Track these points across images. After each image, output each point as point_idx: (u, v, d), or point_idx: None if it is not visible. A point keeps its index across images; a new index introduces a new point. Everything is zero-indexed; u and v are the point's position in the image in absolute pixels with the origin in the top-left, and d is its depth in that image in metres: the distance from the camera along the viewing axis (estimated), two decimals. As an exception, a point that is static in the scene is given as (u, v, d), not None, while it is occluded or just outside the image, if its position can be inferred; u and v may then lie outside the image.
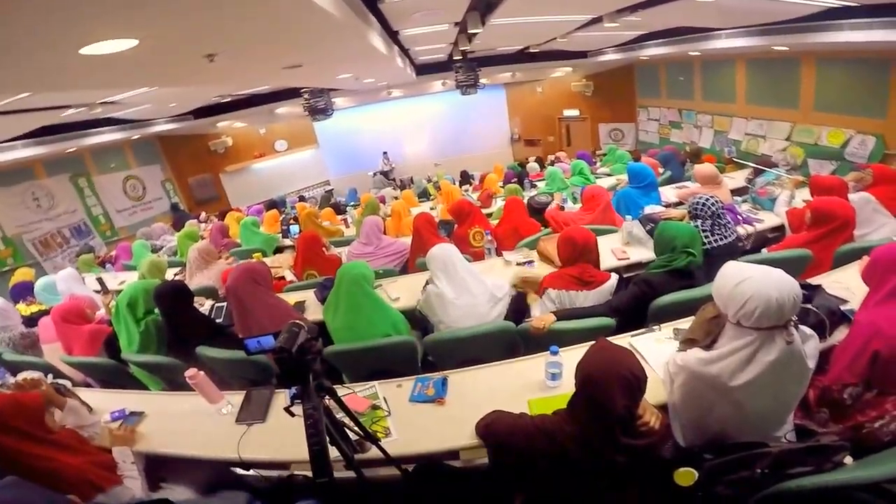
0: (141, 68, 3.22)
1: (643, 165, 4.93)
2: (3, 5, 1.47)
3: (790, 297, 1.46)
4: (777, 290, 1.45)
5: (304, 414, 1.41)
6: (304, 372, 1.38)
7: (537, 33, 7.37)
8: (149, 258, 5.02)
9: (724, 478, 1.55)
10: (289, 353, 1.34)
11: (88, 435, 2.20)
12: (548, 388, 2.13)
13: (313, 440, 1.40)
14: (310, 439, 1.40)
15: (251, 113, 10.38)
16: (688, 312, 2.39)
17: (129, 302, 2.96)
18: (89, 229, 9.43)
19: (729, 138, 8.74)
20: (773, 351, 1.50)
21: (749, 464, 1.53)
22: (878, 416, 1.77)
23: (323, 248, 4.33)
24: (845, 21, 4.77)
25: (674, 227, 2.74)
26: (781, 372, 1.53)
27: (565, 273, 2.78)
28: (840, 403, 1.83)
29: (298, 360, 1.36)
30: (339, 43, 3.97)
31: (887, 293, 1.86)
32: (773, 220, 3.98)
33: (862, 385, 1.80)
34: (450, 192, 6.32)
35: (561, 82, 12.55)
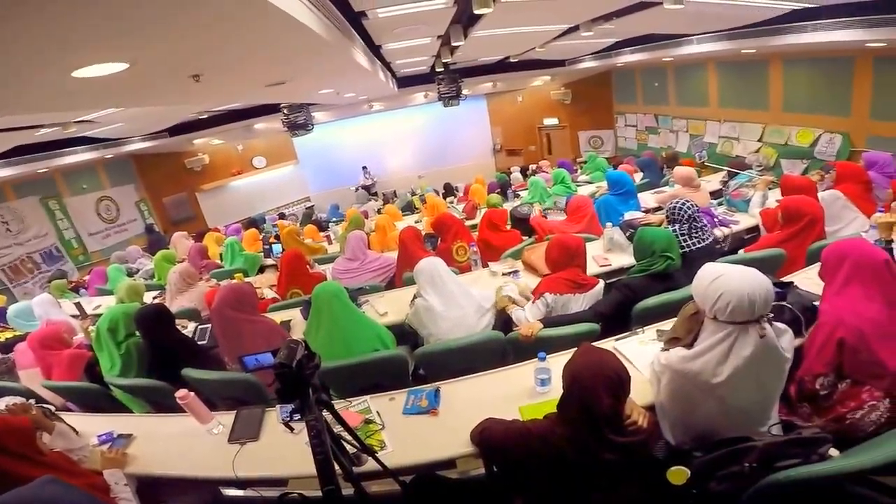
0: (130, 89, 3.24)
1: (621, 173, 5.05)
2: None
3: (761, 293, 1.56)
4: (749, 286, 1.56)
5: (306, 426, 1.44)
6: (304, 386, 1.41)
7: (517, 43, 7.52)
8: (126, 282, 4.91)
9: (715, 474, 1.60)
10: (289, 367, 1.37)
11: (78, 458, 2.17)
12: (538, 394, 2.16)
13: (318, 450, 1.44)
14: (314, 449, 1.44)
15: (228, 129, 10.27)
16: (669, 314, 2.43)
17: (109, 326, 2.93)
18: (61, 254, 9.17)
19: (704, 142, 8.96)
20: (749, 345, 1.60)
21: (737, 458, 1.58)
22: (857, 407, 1.84)
23: (307, 266, 4.31)
24: (808, 23, 4.98)
25: (651, 233, 2.82)
26: (759, 365, 1.62)
27: (560, 277, 2.82)
28: (816, 395, 1.91)
29: (298, 375, 1.39)
30: (324, 61, 4.02)
31: (841, 284, 1.98)
32: (748, 221, 4.11)
33: (833, 374, 1.88)
34: (435, 205, 6.38)
35: (540, 91, 12.77)
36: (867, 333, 1.82)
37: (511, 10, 4.00)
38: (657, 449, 1.82)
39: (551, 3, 4.10)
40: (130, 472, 2.13)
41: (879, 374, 1.82)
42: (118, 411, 2.98)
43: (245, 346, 2.68)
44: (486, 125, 13.75)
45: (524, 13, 4.45)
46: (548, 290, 2.79)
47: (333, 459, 1.48)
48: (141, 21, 1.78)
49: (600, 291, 2.86)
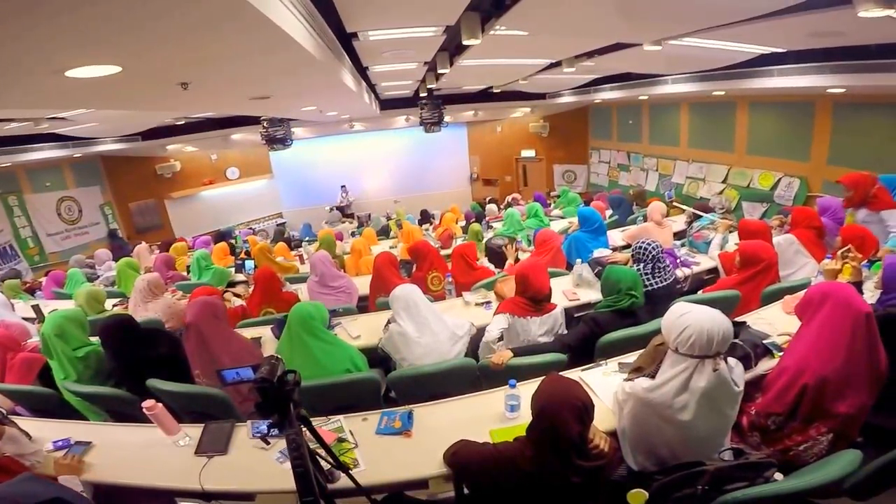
0: (119, 92, 3.24)
1: (592, 210, 5.22)
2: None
3: (720, 332, 1.73)
4: (710, 324, 1.73)
5: (286, 440, 1.47)
6: (285, 401, 1.44)
7: (502, 74, 7.79)
8: (86, 288, 4.74)
9: (671, 496, 1.74)
10: (270, 383, 1.41)
11: (30, 463, 2.14)
12: (507, 418, 2.26)
13: (297, 462, 1.47)
14: (294, 462, 1.47)
15: (204, 137, 10.12)
16: (631, 347, 2.65)
17: (55, 332, 2.86)
18: (15, 252, 8.78)
19: (672, 182, 9.28)
20: (704, 377, 1.76)
21: (691, 481, 1.73)
22: (803, 441, 2.00)
23: (280, 286, 4.30)
24: (775, 67, 5.32)
25: (618, 272, 2.99)
26: (713, 396, 1.78)
27: (519, 300, 2.98)
28: (766, 429, 2.07)
29: (279, 390, 1.42)
30: (311, 79, 4.08)
31: (816, 326, 2.07)
32: (708, 262, 4.33)
33: (785, 415, 2.03)
34: (410, 231, 6.43)
35: (519, 122, 13.07)
36: (831, 382, 1.95)
37: (498, 43, 4.16)
38: (619, 472, 1.95)
39: (536, 39, 4.28)
40: (88, 479, 2.11)
41: (831, 417, 1.96)
42: (71, 417, 2.89)
43: (218, 362, 2.67)
44: (465, 153, 13.92)
45: (510, 46, 4.63)
46: (507, 311, 2.95)
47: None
48: (135, 26, 1.81)
49: (558, 316, 3.04)
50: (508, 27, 3.52)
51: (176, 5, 1.66)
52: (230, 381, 1.65)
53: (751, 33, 4.02)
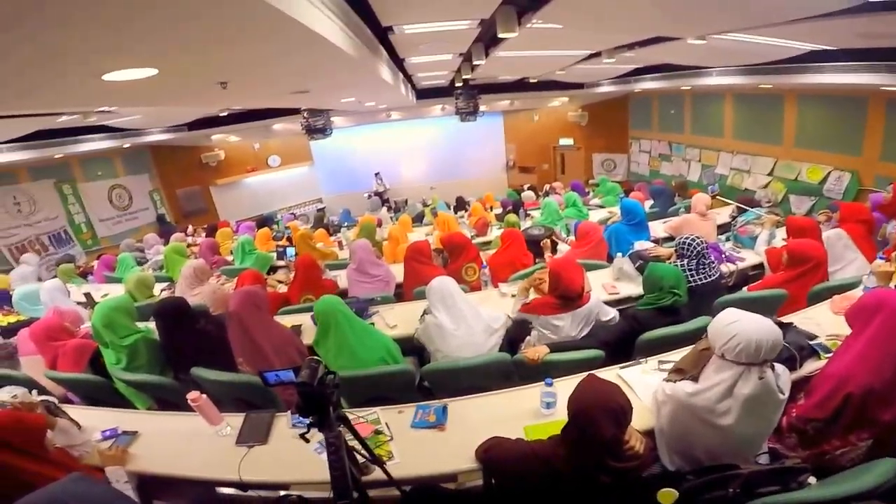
0: (157, 92, 3.34)
1: (635, 202, 5.08)
2: (38, 34, 1.55)
3: (769, 341, 1.69)
4: (758, 334, 1.68)
5: (325, 442, 1.50)
6: (325, 404, 1.46)
7: (539, 66, 7.62)
8: (136, 273, 4.99)
9: (701, 497, 1.72)
10: (311, 387, 1.43)
11: (79, 454, 2.20)
12: (542, 415, 2.24)
13: (335, 465, 1.49)
14: (332, 465, 1.49)
15: (247, 127, 10.38)
16: (672, 346, 2.58)
17: (104, 323, 2.99)
18: (69, 237, 9.25)
19: (715, 172, 8.97)
20: (749, 385, 1.72)
21: (723, 484, 1.70)
22: (841, 446, 1.94)
23: (321, 273, 4.38)
24: (826, 64, 5.07)
25: (662, 269, 2.91)
26: (757, 403, 1.75)
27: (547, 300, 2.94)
28: (805, 433, 2.01)
29: (320, 394, 1.45)
30: (349, 75, 4.11)
31: (869, 334, 1.98)
32: (753, 258, 4.17)
33: (824, 422, 1.96)
34: (446, 220, 6.38)
35: (557, 111, 12.84)
36: (877, 392, 1.87)
37: (535, 36, 4.08)
38: (652, 470, 1.91)
39: (574, 32, 4.18)
40: (132, 469, 2.15)
41: (874, 425, 1.89)
42: (120, 404, 3.01)
43: (260, 351, 2.76)
44: (501, 141, 13.81)
45: (547, 39, 4.54)
46: (532, 313, 2.95)
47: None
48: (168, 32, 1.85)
49: (593, 308, 2.93)
50: (545, 21, 3.43)
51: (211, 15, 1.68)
52: (272, 382, 1.68)
53: (796, 32, 3.83)
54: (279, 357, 2.81)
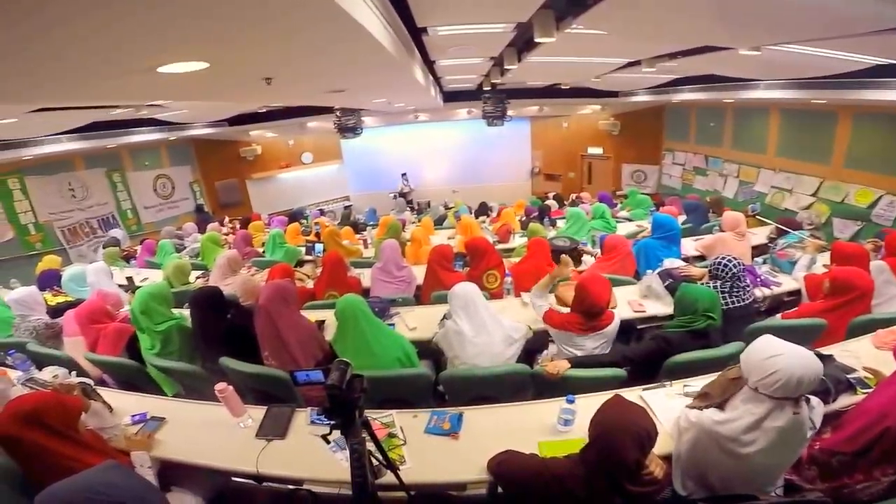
0: (205, 86, 3.43)
1: (670, 217, 4.93)
2: (98, 29, 1.62)
3: (810, 378, 1.61)
4: (802, 369, 1.60)
5: (349, 449, 1.50)
6: (352, 408, 1.47)
7: (573, 72, 7.50)
8: (174, 261, 5.18)
9: None
10: (340, 389, 1.44)
11: (108, 437, 2.29)
12: (558, 432, 2.21)
13: (357, 472, 1.49)
14: (354, 471, 1.50)
15: (283, 124, 10.71)
16: (700, 371, 2.51)
17: (142, 310, 3.11)
18: (116, 222, 9.72)
19: (754, 189, 8.65)
20: (781, 419, 1.65)
21: None
22: (864, 480, 1.86)
23: (346, 270, 4.43)
24: (891, 80, 4.78)
25: (697, 291, 2.82)
26: (785, 438, 1.68)
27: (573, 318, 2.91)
28: (828, 466, 1.94)
29: (347, 397, 1.45)
30: (385, 74, 4.15)
31: None
32: (790, 283, 3.99)
33: (852, 455, 1.90)
34: (469, 225, 6.32)
35: (588, 119, 12.60)
36: None
37: (572, 42, 4.00)
38: (663, 494, 1.86)
39: (615, 39, 4.06)
40: (156, 455, 2.23)
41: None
42: (151, 389, 3.13)
43: (286, 345, 2.83)
44: (527, 147, 13.65)
45: (585, 45, 4.46)
46: (553, 326, 2.94)
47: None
48: (223, 25, 1.89)
49: (614, 331, 2.92)
50: (586, 27, 3.35)
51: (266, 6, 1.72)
52: (301, 382, 1.70)
53: (865, 45, 3.58)
54: (303, 351, 2.88)
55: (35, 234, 8.19)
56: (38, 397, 1.94)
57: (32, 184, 8.12)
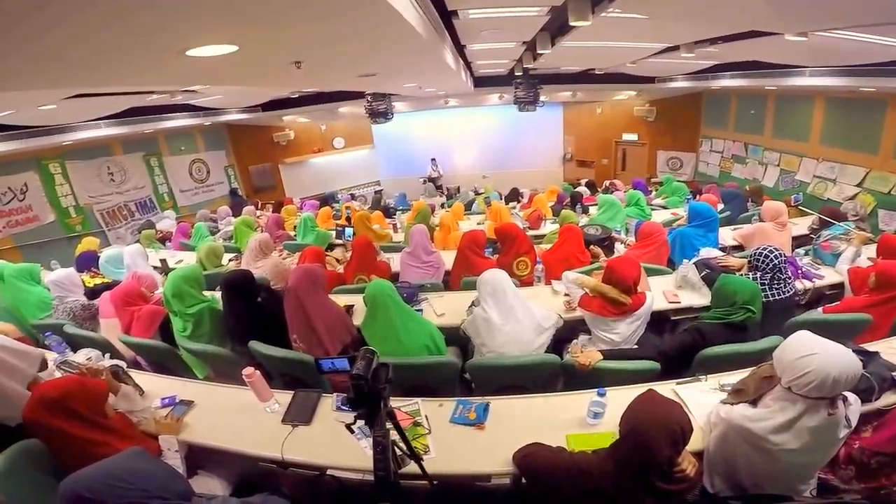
0: (237, 71, 3.45)
1: (707, 206, 4.76)
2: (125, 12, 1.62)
3: (847, 377, 1.52)
4: (837, 370, 1.52)
5: (373, 440, 1.47)
6: (377, 399, 1.44)
7: (608, 57, 7.26)
8: (207, 243, 5.27)
9: None
10: (366, 380, 1.41)
11: (137, 420, 2.31)
12: (587, 425, 2.15)
13: (380, 465, 1.45)
14: (377, 464, 1.46)
15: (315, 109, 10.79)
16: (735, 365, 2.42)
17: (174, 293, 3.15)
18: (153, 205, 10.03)
19: (795, 179, 8.38)
20: (815, 419, 1.60)
21: None
22: None
23: (375, 255, 4.43)
24: None
25: (737, 283, 2.70)
26: (818, 438, 1.63)
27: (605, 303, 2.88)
28: (866, 466, 1.90)
29: (373, 388, 1.42)
30: (417, 58, 4.09)
31: None
32: (833, 276, 3.83)
33: (893, 456, 1.84)
34: (499, 210, 6.22)
35: (622, 105, 12.31)
36: None
37: (608, 26, 3.87)
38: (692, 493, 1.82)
39: (653, 23, 3.91)
40: (184, 438, 2.24)
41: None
42: (182, 371, 3.20)
43: (314, 329, 2.84)
44: (559, 133, 13.44)
45: (622, 29, 4.31)
46: (587, 308, 2.93)
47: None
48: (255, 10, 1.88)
49: (647, 312, 2.90)
50: (623, 10, 3.23)
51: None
52: (326, 370, 1.70)
53: None
54: (330, 336, 2.88)
55: (75, 217, 8.51)
56: (64, 383, 1.93)
57: (73, 168, 8.43)
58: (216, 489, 2.18)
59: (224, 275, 3.40)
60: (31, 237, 7.74)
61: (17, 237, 7.58)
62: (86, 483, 1.23)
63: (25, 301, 3.95)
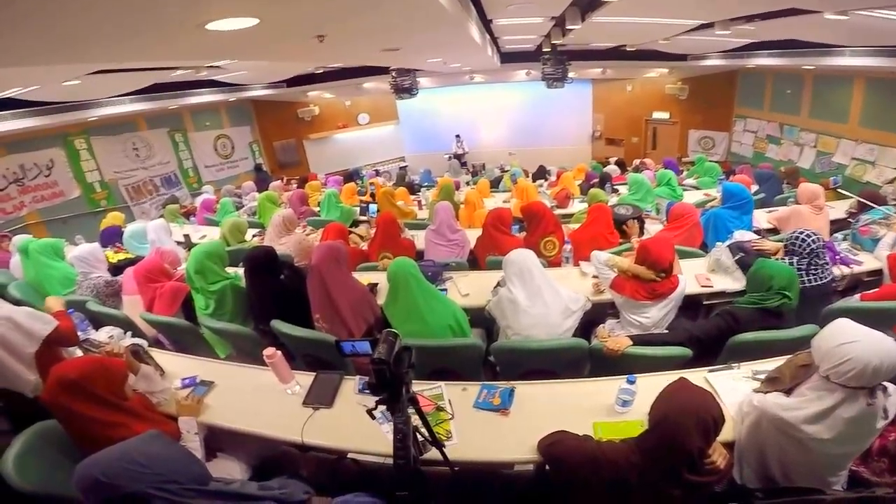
0: (259, 45, 3.39)
1: (742, 187, 4.57)
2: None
3: (888, 365, 1.48)
4: (878, 358, 1.47)
5: (393, 427, 1.43)
6: (399, 385, 1.39)
7: (640, 33, 7.03)
8: (231, 219, 5.27)
9: None
10: (388, 365, 1.35)
11: (157, 401, 2.27)
12: (615, 413, 2.10)
13: (400, 454, 1.41)
14: (396, 452, 1.41)
15: (340, 85, 10.75)
16: (768, 353, 2.34)
17: (197, 269, 3.12)
18: (178, 180, 10.16)
19: (832, 161, 8.11)
20: (853, 409, 1.55)
21: None
22: None
23: (399, 232, 4.38)
24: None
25: (773, 267, 2.59)
26: (854, 428, 1.59)
27: (640, 285, 2.81)
28: None
29: (395, 373, 1.37)
30: (441, 32, 3.99)
31: None
32: (871, 262, 3.66)
33: None
34: (525, 188, 6.08)
35: (653, 83, 11.96)
36: None
37: (642, 1, 3.72)
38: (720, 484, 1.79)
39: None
40: (203, 420, 2.21)
41: None
42: (203, 349, 3.17)
43: (337, 308, 2.80)
44: (588, 110, 13.17)
45: (656, 4, 4.14)
46: (620, 292, 2.85)
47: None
48: None
49: (680, 296, 2.83)
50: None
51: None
52: (347, 353, 1.66)
53: None
54: (353, 315, 2.84)
55: (100, 192, 8.67)
56: (82, 364, 1.90)
57: (98, 144, 8.56)
58: (235, 472, 2.17)
59: (247, 251, 3.38)
60: (56, 212, 7.92)
61: (43, 212, 7.77)
62: (101, 467, 1.21)
63: (49, 277, 3.93)
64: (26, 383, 2.28)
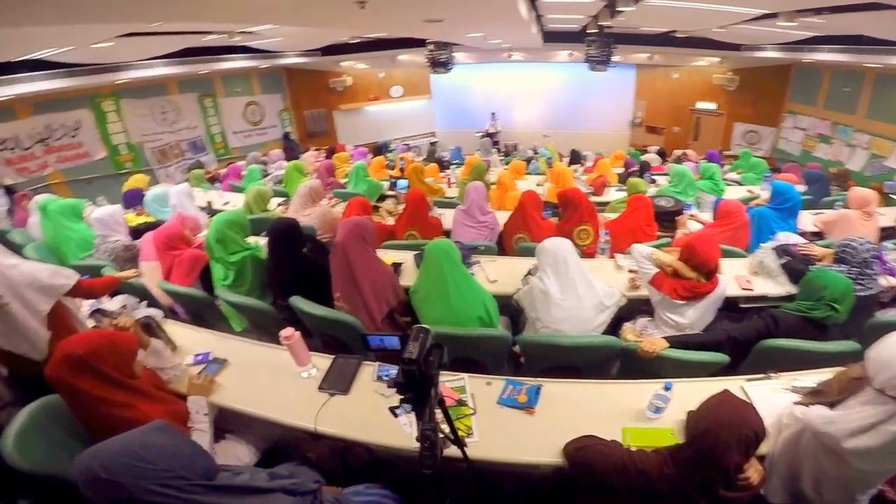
0: (297, 9, 3.28)
1: (790, 186, 4.31)
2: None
3: None
4: None
5: (420, 434, 1.31)
6: (428, 388, 1.27)
7: (696, 20, 6.65)
8: (255, 187, 5.17)
9: None
10: (417, 365, 1.24)
11: (167, 378, 2.18)
12: (646, 419, 1.99)
13: (427, 463, 1.29)
14: (424, 461, 1.30)
15: (375, 56, 10.62)
16: (807, 365, 2.22)
17: (218, 238, 3.03)
18: (204, 145, 10.21)
19: (884, 165, 7.74)
20: None
21: None
22: None
23: (428, 210, 4.26)
24: None
25: (829, 277, 2.41)
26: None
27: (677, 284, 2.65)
28: None
29: (424, 374, 1.26)
30: (490, 4, 3.80)
31: None
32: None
33: None
34: (561, 173, 5.83)
35: (701, 72, 11.48)
36: None
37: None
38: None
39: None
40: (214, 400, 2.12)
41: None
42: (218, 322, 3.09)
43: (359, 287, 2.70)
44: (630, 96, 12.76)
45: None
46: (658, 288, 2.69)
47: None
48: None
49: (720, 298, 2.67)
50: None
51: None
52: (373, 347, 1.58)
53: None
54: (376, 297, 2.74)
55: (126, 154, 8.75)
56: (89, 339, 1.78)
57: (127, 106, 8.61)
58: (242, 455, 2.10)
59: (270, 221, 3.28)
60: (80, 173, 8.01)
61: (67, 172, 7.86)
62: (103, 461, 1.12)
63: (67, 239, 3.87)
64: (41, 339, 2.26)
